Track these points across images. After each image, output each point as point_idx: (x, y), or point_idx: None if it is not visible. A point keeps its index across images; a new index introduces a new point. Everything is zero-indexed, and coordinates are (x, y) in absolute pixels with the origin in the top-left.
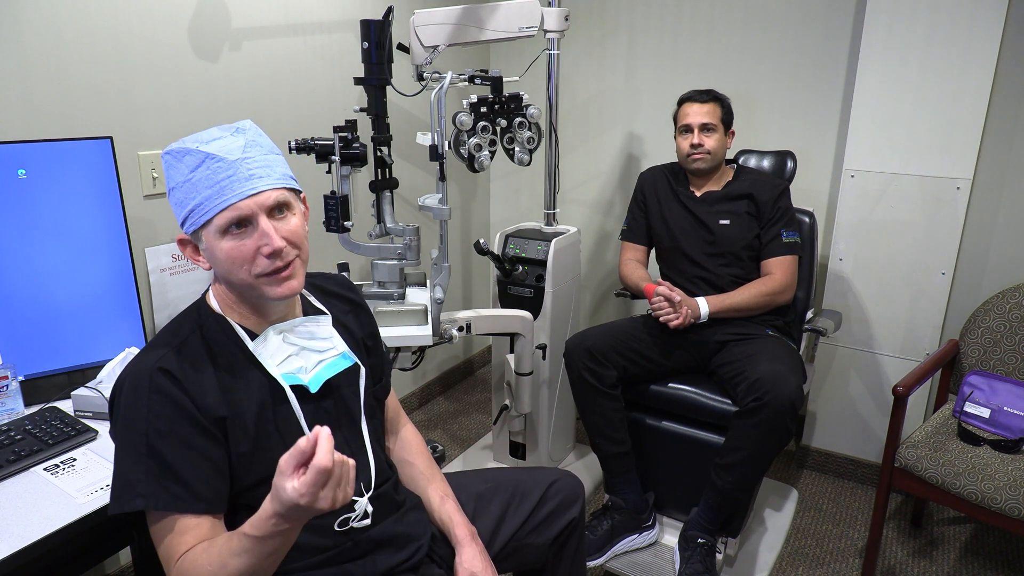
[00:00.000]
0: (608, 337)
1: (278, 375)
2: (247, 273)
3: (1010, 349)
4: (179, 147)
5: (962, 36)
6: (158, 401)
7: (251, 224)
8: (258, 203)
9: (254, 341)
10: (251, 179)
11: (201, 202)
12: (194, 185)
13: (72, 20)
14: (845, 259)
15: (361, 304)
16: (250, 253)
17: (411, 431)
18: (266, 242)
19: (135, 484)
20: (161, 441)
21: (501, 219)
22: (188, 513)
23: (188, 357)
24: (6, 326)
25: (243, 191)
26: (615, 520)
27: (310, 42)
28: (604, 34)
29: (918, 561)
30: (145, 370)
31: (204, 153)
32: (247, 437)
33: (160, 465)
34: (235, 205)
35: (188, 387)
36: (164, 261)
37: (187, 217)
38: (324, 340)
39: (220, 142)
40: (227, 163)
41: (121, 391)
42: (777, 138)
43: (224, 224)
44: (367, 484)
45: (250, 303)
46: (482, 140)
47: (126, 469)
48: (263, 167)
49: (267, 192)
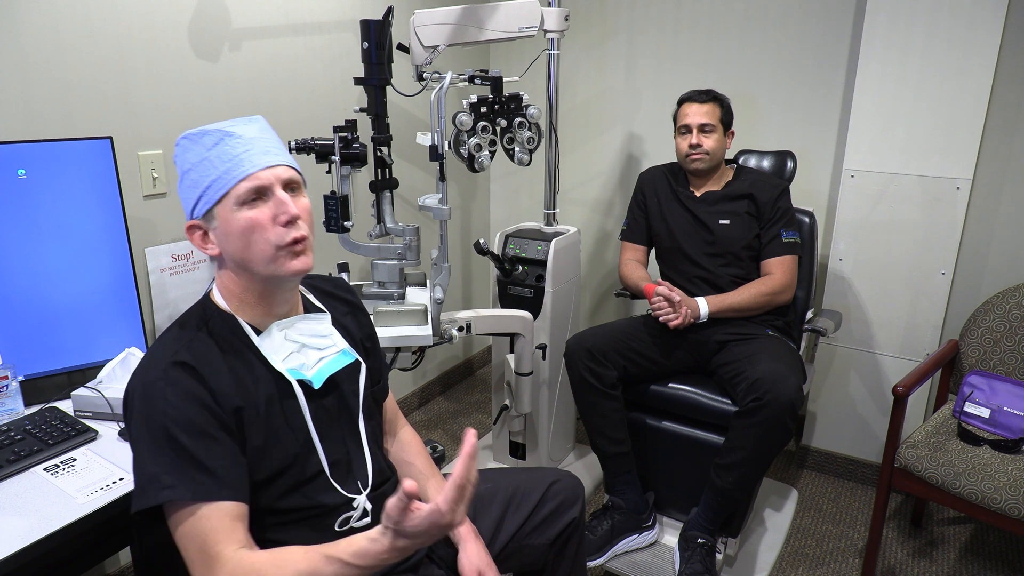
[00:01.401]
0: (608, 337)
1: (284, 370)
2: (266, 243)
3: (1010, 349)
4: (196, 131)
5: (962, 36)
6: (175, 393)
7: (267, 195)
8: (275, 175)
9: (259, 337)
10: (268, 153)
11: (220, 175)
12: (211, 161)
13: (72, 20)
14: (845, 259)
15: (359, 306)
16: (267, 220)
17: (410, 432)
18: (283, 210)
19: (160, 477)
20: (182, 433)
21: (501, 219)
22: (216, 500)
23: (200, 351)
24: (6, 326)
25: (261, 163)
26: (615, 520)
27: (310, 42)
28: (604, 34)
29: (918, 561)
30: (159, 365)
31: (223, 131)
32: (260, 430)
33: (183, 456)
34: (255, 175)
35: (205, 379)
36: (164, 261)
37: (202, 195)
38: (324, 338)
39: (236, 126)
40: (245, 139)
41: (135, 388)
42: (777, 138)
43: (243, 194)
44: (364, 483)
45: (256, 291)
46: (482, 140)
47: (149, 463)
48: (278, 148)
49: (283, 167)
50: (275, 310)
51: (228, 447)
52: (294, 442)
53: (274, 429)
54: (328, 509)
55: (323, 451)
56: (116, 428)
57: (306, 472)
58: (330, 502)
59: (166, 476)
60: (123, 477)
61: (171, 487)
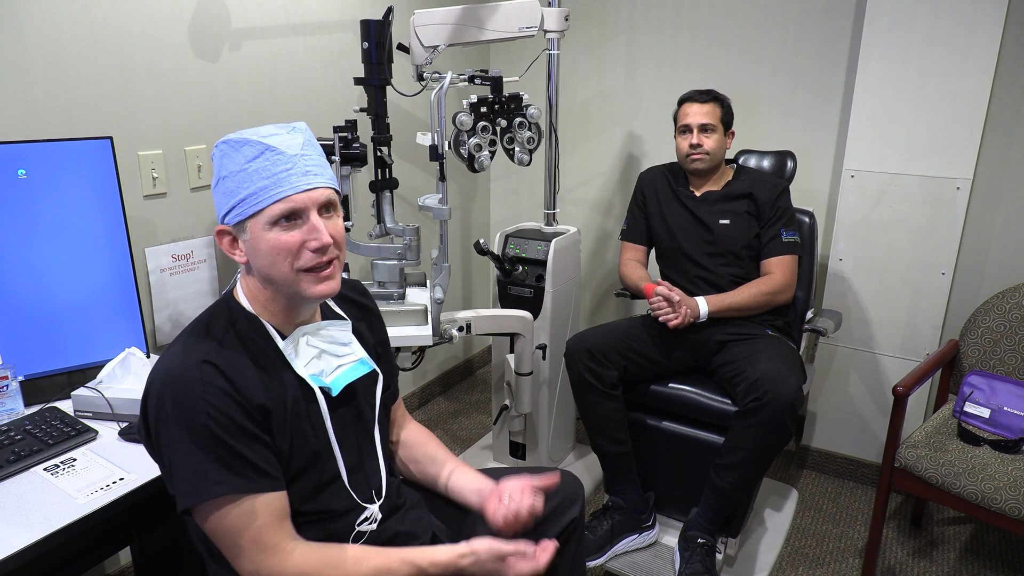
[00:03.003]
0: (608, 337)
1: (306, 376)
2: (289, 267)
3: (1010, 349)
4: (237, 137)
5: (962, 36)
6: (213, 392)
7: (301, 218)
8: (312, 198)
9: (284, 341)
10: (307, 175)
11: (255, 191)
12: (249, 175)
13: (72, 20)
14: (845, 259)
15: (374, 311)
16: (296, 246)
17: (417, 424)
18: (315, 237)
19: (208, 473)
20: (223, 430)
21: (501, 219)
22: (266, 492)
23: (229, 353)
24: (6, 326)
25: (300, 185)
26: (615, 520)
27: (310, 42)
28: (604, 34)
29: (918, 561)
30: (192, 364)
31: (264, 144)
32: (286, 432)
33: (229, 452)
34: (290, 197)
35: (235, 380)
36: (164, 261)
37: (235, 206)
38: (344, 345)
39: (278, 137)
40: (287, 156)
41: (166, 388)
42: (777, 138)
43: (276, 215)
44: (378, 491)
45: (281, 302)
46: (482, 140)
47: (193, 461)
48: (319, 166)
49: (321, 189)
50: (298, 318)
51: (264, 440)
52: (318, 444)
53: (299, 431)
54: (338, 514)
55: (341, 457)
56: (116, 428)
57: (324, 476)
58: (341, 507)
59: (214, 472)
60: (123, 477)
61: (222, 482)
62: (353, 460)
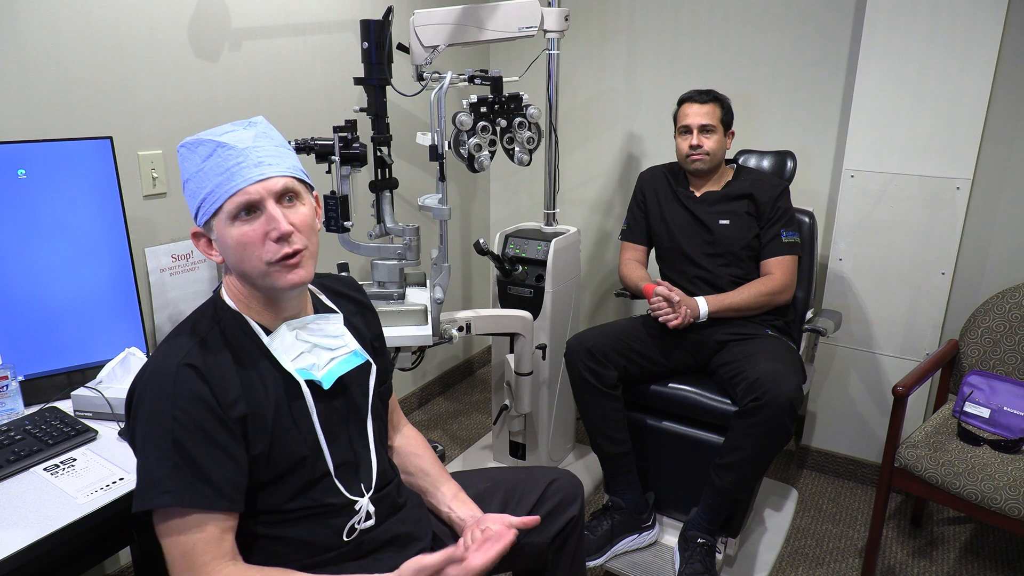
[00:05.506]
0: (608, 337)
1: (293, 370)
2: (258, 259)
3: (1010, 349)
4: (193, 139)
5: (962, 36)
6: (184, 397)
7: (259, 210)
8: (266, 188)
9: (269, 336)
10: (260, 165)
11: (212, 189)
12: (206, 174)
13: (72, 20)
14: (845, 259)
15: (368, 306)
16: (259, 238)
17: (412, 428)
18: (274, 226)
19: (162, 480)
20: (187, 437)
21: (501, 219)
22: (212, 511)
23: (211, 353)
24: (6, 326)
25: (251, 176)
26: (615, 520)
27: (310, 42)
28: (604, 34)
29: (918, 561)
30: (171, 366)
31: (216, 142)
32: (265, 437)
33: (186, 461)
34: (244, 190)
35: (213, 384)
36: (164, 261)
37: (199, 207)
38: (336, 338)
39: (232, 134)
40: (237, 151)
41: (144, 387)
42: (777, 138)
43: (234, 209)
44: (368, 485)
45: (262, 297)
46: (482, 140)
47: (151, 465)
48: (273, 156)
49: (275, 178)
50: (283, 313)
51: (232, 452)
52: (302, 444)
53: (282, 432)
54: (331, 509)
55: (330, 453)
56: (116, 428)
57: (313, 473)
58: (333, 502)
59: (167, 481)
60: (123, 477)
61: (169, 492)
62: (346, 454)
